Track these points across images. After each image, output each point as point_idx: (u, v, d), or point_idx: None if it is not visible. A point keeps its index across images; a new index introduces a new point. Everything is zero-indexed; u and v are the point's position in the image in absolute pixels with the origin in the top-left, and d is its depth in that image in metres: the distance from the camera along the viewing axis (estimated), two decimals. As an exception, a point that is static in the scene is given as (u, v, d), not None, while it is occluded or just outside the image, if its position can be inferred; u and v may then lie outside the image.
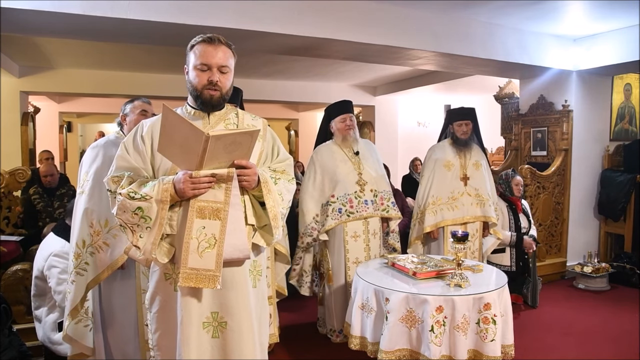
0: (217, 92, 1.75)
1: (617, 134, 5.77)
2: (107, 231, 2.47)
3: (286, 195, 1.84)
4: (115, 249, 2.46)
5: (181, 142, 1.58)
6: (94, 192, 2.49)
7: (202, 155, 1.54)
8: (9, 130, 6.34)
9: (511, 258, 4.25)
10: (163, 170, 1.75)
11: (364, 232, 3.51)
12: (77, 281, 2.46)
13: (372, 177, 3.53)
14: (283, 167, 1.93)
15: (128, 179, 1.70)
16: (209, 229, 1.63)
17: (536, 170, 5.20)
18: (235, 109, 1.93)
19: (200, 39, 1.75)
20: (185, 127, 1.53)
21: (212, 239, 1.63)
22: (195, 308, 1.70)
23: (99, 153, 2.56)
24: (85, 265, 2.47)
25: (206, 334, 1.71)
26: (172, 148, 1.63)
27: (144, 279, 2.57)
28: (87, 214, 2.47)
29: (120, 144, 2.55)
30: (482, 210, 3.80)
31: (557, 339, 3.63)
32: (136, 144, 1.79)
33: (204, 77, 1.73)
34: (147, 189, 1.64)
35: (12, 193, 3.97)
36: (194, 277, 1.62)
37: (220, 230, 1.63)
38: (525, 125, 5.86)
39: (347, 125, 3.51)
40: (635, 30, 4.63)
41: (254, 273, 1.83)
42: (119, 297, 2.57)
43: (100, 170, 2.49)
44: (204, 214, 1.64)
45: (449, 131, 3.93)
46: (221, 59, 1.74)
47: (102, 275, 2.47)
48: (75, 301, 2.47)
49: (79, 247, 2.47)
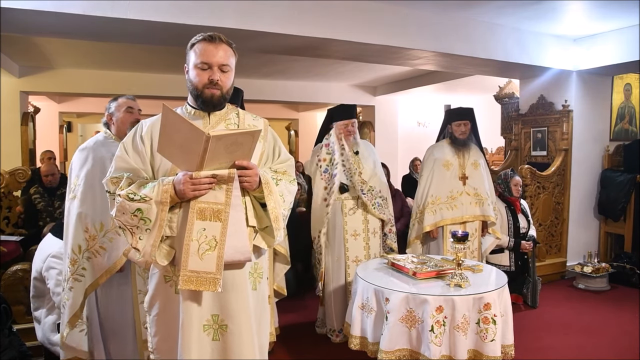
0: (217, 91, 1.73)
1: (617, 134, 5.77)
2: (102, 235, 2.44)
3: (287, 197, 1.82)
4: (113, 252, 2.43)
5: (181, 142, 1.55)
6: (86, 195, 2.44)
7: (203, 155, 1.52)
8: (9, 130, 6.35)
9: (510, 258, 4.25)
10: (163, 171, 1.73)
11: (363, 231, 3.51)
12: (76, 287, 2.42)
13: (370, 177, 3.53)
14: (284, 168, 1.90)
15: (127, 180, 1.68)
16: (210, 230, 1.61)
17: (536, 170, 5.20)
18: (236, 109, 1.91)
19: (201, 37, 1.72)
20: (186, 127, 1.51)
21: (212, 240, 1.61)
22: (195, 311, 1.68)
23: (88, 155, 2.50)
24: (83, 271, 2.43)
25: (207, 337, 1.70)
26: (172, 148, 1.61)
27: (140, 280, 2.56)
28: (81, 219, 2.43)
29: (108, 144, 2.53)
30: (481, 210, 3.81)
31: (557, 339, 3.63)
32: (135, 144, 1.77)
33: (205, 76, 1.71)
34: (146, 190, 1.62)
35: (12, 193, 3.97)
36: (194, 280, 1.60)
37: (221, 232, 1.62)
38: (525, 125, 5.86)
39: (349, 131, 3.53)
40: (635, 30, 4.63)
41: (255, 276, 1.81)
42: (116, 298, 2.56)
43: (90, 173, 2.45)
44: (205, 215, 1.62)
45: (447, 131, 3.94)
46: (222, 58, 1.71)
47: (101, 279, 2.44)
48: (74, 308, 2.43)
49: (75, 252, 2.43)
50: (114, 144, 2.54)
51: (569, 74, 5.34)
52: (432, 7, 4.17)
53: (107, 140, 2.59)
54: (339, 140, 3.50)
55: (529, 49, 4.93)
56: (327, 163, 3.53)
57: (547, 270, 5.18)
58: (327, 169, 3.52)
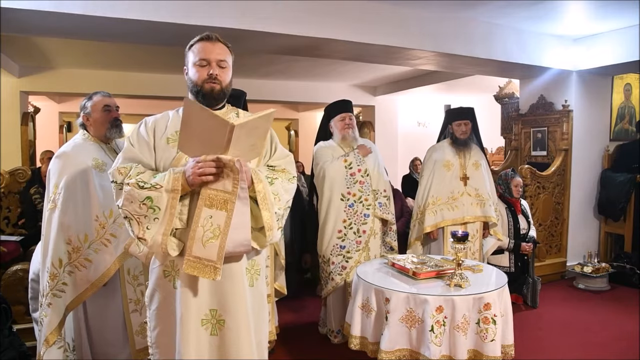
0: (217, 85, 1.77)
1: (617, 134, 5.77)
2: (87, 246, 2.33)
3: (284, 195, 1.81)
4: (100, 265, 2.33)
5: (203, 134, 1.56)
6: (67, 205, 2.32)
7: (227, 145, 1.54)
8: (9, 130, 6.36)
9: (510, 259, 4.25)
10: (163, 167, 1.74)
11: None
12: (54, 304, 2.31)
13: (372, 176, 3.51)
14: (283, 165, 1.90)
15: (137, 169, 1.69)
16: (215, 219, 1.62)
17: (536, 170, 5.20)
18: (236, 109, 1.93)
19: (198, 37, 1.79)
20: (210, 118, 1.53)
21: (217, 229, 1.62)
22: (194, 305, 1.70)
23: (67, 161, 2.38)
24: (63, 286, 2.32)
25: (204, 331, 1.71)
26: (194, 142, 1.61)
27: (130, 288, 2.49)
28: (63, 230, 2.31)
29: (88, 147, 2.44)
30: (482, 210, 3.80)
31: (557, 339, 3.63)
32: (141, 136, 1.79)
33: (204, 72, 1.76)
34: (157, 179, 1.64)
35: (12, 193, 3.96)
36: (197, 266, 1.61)
37: (225, 223, 1.62)
38: (525, 125, 5.86)
39: (346, 124, 3.49)
40: (635, 30, 4.63)
41: (252, 272, 1.83)
42: (107, 310, 2.48)
43: (71, 180, 2.34)
44: (213, 203, 1.63)
45: (448, 131, 3.93)
46: (219, 54, 1.77)
47: (85, 294, 2.34)
48: (52, 325, 2.32)
49: (55, 266, 2.31)
50: (94, 146, 2.48)
51: (569, 74, 5.34)
52: (432, 7, 4.17)
53: (87, 143, 2.49)
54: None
55: (529, 49, 4.93)
56: (355, 198, 3.42)
57: (547, 270, 5.18)
58: (354, 204, 3.42)
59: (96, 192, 2.37)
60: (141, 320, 2.53)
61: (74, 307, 2.39)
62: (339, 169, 3.42)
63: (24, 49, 5.69)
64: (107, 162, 2.45)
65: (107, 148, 2.54)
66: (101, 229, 2.37)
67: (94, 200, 2.36)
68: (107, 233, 2.37)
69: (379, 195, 3.51)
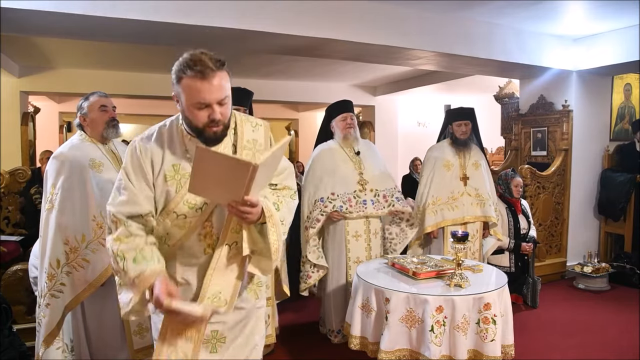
0: (220, 127, 1.56)
1: (617, 134, 5.77)
2: (85, 246, 2.33)
3: (288, 218, 1.74)
4: (98, 265, 2.34)
5: (220, 177, 1.43)
6: (65, 206, 2.32)
7: (249, 184, 1.42)
8: (9, 130, 6.36)
9: (510, 259, 4.25)
10: (161, 203, 1.61)
11: (365, 232, 3.50)
12: (53, 304, 2.31)
13: (374, 176, 3.52)
14: (283, 180, 1.79)
15: (125, 232, 1.55)
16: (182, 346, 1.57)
17: (536, 170, 5.20)
18: (233, 122, 1.74)
19: (188, 70, 1.48)
20: (228, 163, 1.41)
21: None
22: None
23: (64, 162, 2.38)
24: (61, 287, 2.32)
25: (204, 350, 1.68)
26: (208, 185, 1.47)
27: None
28: (60, 230, 2.32)
29: (85, 147, 2.43)
30: (482, 210, 3.80)
31: (557, 339, 3.63)
32: (139, 171, 1.59)
33: (204, 115, 1.52)
34: (133, 274, 1.51)
35: (12, 193, 3.96)
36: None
37: (192, 351, 1.59)
38: (525, 125, 5.86)
39: (348, 124, 3.50)
40: (635, 30, 4.63)
41: (254, 287, 1.79)
42: (105, 311, 2.48)
43: (68, 181, 2.34)
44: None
45: (448, 131, 3.93)
46: (219, 92, 1.49)
47: (84, 294, 2.34)
48: (51, 326, 2.32)
49: (53, 267, 2.31)
50: (91, 146, 2.49)
51: (569, 74, 5.34)
52: (432, 7, 4.17)
53: (84, 143, 2.49)
54: None
55: (529, 49, 4.93)
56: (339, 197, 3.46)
57: (547, 270, 5.18)
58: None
59: (93, 193, 2.37)
60: (139, 321, 2.53)
61: (72, 307, 2.38)
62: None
63: (24, 49, 5.69)
64: (105, 162, 2.46)
65: (104, 148, 2.54)
66: (98, 229, 2.37)
67: (91, 200, 2.36)
68: (105, 233, 2.36)
69: (394, 191, 3.55)
